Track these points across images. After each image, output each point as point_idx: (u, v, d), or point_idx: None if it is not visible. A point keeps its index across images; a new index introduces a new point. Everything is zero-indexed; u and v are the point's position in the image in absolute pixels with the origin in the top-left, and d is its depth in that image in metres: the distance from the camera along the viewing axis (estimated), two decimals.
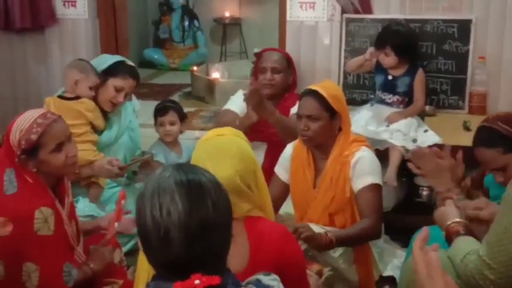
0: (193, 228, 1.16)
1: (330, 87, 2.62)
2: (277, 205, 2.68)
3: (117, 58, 3.26)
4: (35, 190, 2.06)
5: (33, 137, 2.04)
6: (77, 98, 3.02)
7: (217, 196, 1.21)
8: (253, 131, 3.06)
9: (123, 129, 3.30)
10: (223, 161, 1.67)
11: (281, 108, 3.25)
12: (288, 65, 3.34)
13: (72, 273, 2.12)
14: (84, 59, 3.25)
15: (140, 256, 1.67)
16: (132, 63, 3.28)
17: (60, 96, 3.04)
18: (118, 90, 3.13)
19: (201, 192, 1.19)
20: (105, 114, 3.20)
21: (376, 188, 2.51)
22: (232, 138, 1.78)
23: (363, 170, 2.51)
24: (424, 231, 1.22)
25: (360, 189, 2.51)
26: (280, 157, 2.79)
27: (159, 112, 3.40)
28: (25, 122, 2.08)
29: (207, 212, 1.18)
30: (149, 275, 1.30)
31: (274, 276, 1.28)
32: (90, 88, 3.07)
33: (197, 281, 1.09)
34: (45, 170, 2.10)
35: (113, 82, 3.12)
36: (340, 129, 2.60)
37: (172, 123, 3.39)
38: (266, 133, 3.15)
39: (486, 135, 2.08)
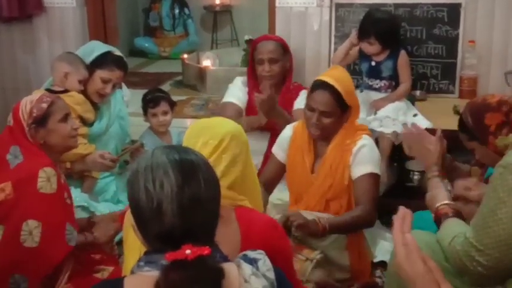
0: (185, 201, 1.20)
1: (344, 81, 2.53)
2: (271, 185, 2.72)
3: (104, 48, 3.23)
4: (38, 155, 2.21)
5: (44, 105, 2.27)
6: (66, 91, 3.00)
7: (208, 173, 1.27)
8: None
9: (114, 118, 3.30)
10: (216, 129, 1.73)
11: (283, 99, 3.24)
12: (284, 51, 3.31)
13: (74, 233, 2.20)
14: (73, 52, 3.22)
15: (127, 239, 1.69)
16: (120, 54, 3.25)
17: (48, 90, 3.02)
18: (105, 81, 3.11)
19: (193, 168, 1.25)
20: (95, 105, 3.19)
21: (374, 177, 2.52)
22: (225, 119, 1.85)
23: (364, 159, 2.51)
24: (402, 211, 1.21)
25: (358, 177, 2.51)
26: (279, 137, 2.78)
27: (151, 103, 3.39)
28: (33, 97, 2.31)
29: (198, 186, 1.23)
30: (141, 252, 1.32)
31: (260, 251, 1.31)
32: (80, 81, 3.06)
33: (188, 251, 1.13)
34: (51, 143, 2.28)
35: (100, 74, 3.10)
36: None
37: (164, 114, 3.39)
38: (269, 122, 3.15)
39: (459, 120, 2.11)
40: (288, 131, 2.74)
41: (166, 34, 8.06)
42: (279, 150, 2.75)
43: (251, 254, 1.29)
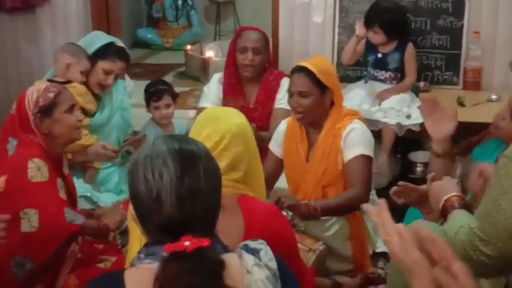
0: (184, 192, 1.19)
1: (320, 63, 2.62)
2: (272, 180, 2.72)
3: (107, 39, 3.22)
4: (29, 147, 2.20)
5: (51, 95, 2.26)
6: (68, 82, 2.99)
7: (208, 164, 1.25)
8: None
9: (116, 109, 3.29)
10: (219, 124, 1.72)
11: (263, 91, 3.24)
12: (266, 45, 3.30)
13: (78, 216, 2.21)
14: (75, 43, 3.22)
15: (131, 229, 1.68)
16: (122, 44, 3.24)
17: (50, 80, 3.02)
18: (107, 73, 3.11)
19: (193, 159, 1.23)
20: (96, 95, 3.18)
21: (365, 159, 2.53)
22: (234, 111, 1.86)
23: (353, 141, 2.53)
24: (381, 202, 1.21)
25: (349, 160, 2.52)
26: (274, 133, 2.81)
27: (153, 97, 3.38)
28: (40, 86, 2.32)
29: (198, 177, 1.21)
30: (141, 243, 1.32)
31: (261, 240, 1.30)
32: (82, 73, 3.05)
33: (187, 242, 1.11)
34: (56, 133, 2.27)
35: (102, 65, 3.10)
36: (332, 104, 2.60)
37: (167, 106, 3.39)
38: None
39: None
40: (282, 126, 2.77)
41: (170, 25, 8.03)
42: (276, 146, 2.78)
43: (252, 244, 1.28)
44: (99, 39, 3.21)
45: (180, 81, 5.91)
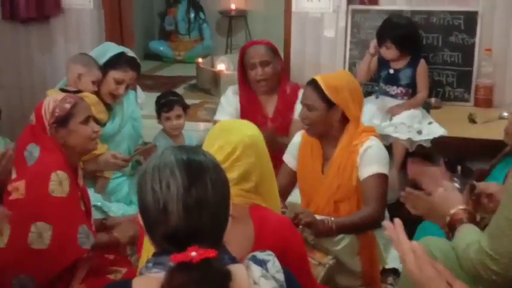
0: (191, 202, 1.19)
1: (333, 78, 2.61)
2: (285, 192, 2.73)
3: (118, 49, 3.25)
4: (54, 157, 2.19)
5: (67, 105, 2.27)
6: (79, 91, 3.01)
7: (216, 175, 1.25)
8: None
9: (126, 119, 3.31)
10: (232, 135, 1.74)
11: (282, 101, 3.25)
12: (274, 54, 3.31)
13: (90, 237, 2.19)
14: (86, 53, 3.25)
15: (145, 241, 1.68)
16: (133, 54, 3.27)
17: (62, 90, 3.04)
18: (118, 82, 3.13)
19: (200, 169, 1.23)
20: (108, 105, 3.20)
21: (381, 177, 2.52)
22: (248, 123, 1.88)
23: (370, 159, 2.52)
24: (394, 223, 1.21)
25: (365, 178, 2.51)
26: (289, 145, 2.82)
27: (165, 107, 3.40)
28: (57, 96, 2.33)
29: (205, 188, 1.21)
30: (149, 254, 1.32)
31: (269, 252, 1.30)
32: (93, 83, 3.08)
33: (193, 253, 1.12)
34: (71, 143, 2.27)
35: (113, 75, 3.12)
36: (347, 120, 2.59)
37: (178, 117, 3.41)
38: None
39: None
40: (297, 138, 2.78)
41: (182, 38, 8.09)
42: (290, 158, 2.78)
43: (260, 255, 1.29)
44: (110, 49, 3.24)
45: (191, 94, 5.94)
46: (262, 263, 1.26)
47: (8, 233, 2.07)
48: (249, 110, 3.28)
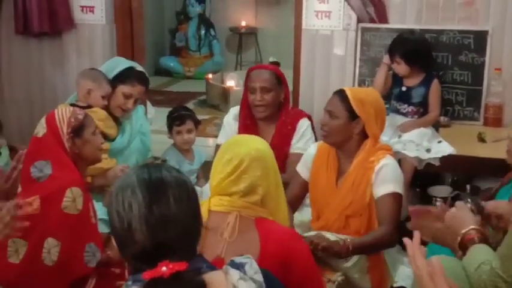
0: (154, 220, 1.22)
1: (361, 91, 2.65)
2: (297, 202, 2.75)
3: (127, 64, 3.27)
4: (68, 173, 2.21)
5: (80, 116, 2.36)
6: (89, 107, 3.04)
7: (179, 190, 1.27)
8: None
9: (135, 133, 3.32)
10: (240, 148, 1.79)
11: (278, 135, 3.17)
12: (278, 82, 3.17)
13: (96, 255, 2.19)
14: (96, 68, 3.27)
15: None
16: (141, 69, 3.30)
17: (72, 105, 3.06)
18: (127, 96, 3.15)
19: (161, 186, 1.26)
20: (117, 120, 3.22)
21: (396, 197, 2.50)
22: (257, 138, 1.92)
23: (386, 178, 2.50)
24: (416, 235, 1.21)
25: (380, 196, 2.49)
26: (304, 155, 2.81)
27: (176, 121, 3.42)
28: (67, 108, 2.40)
29: (167, 204, 1.24)
30: None
31: (247, 255, 1.32)
32: (103, 97, 3.10)
33: (164, 268, 1.14)
34: (84, 154, 2.34)
35: (122, 89, 3.14)
36: (366, 136, 2.59)
37: (189, 132, 3.42)
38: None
39: None
40: (312, 149, 2.77)
41: (192, 54, 8.14)
42: (303, 168, 2.78)
43: (238, 259, 1.31)
44: (120, 64, 3.27)
45: (200, 109, 5.96)
46: (240, 266, 1.28)
47: (24, 249, 2.08)
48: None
